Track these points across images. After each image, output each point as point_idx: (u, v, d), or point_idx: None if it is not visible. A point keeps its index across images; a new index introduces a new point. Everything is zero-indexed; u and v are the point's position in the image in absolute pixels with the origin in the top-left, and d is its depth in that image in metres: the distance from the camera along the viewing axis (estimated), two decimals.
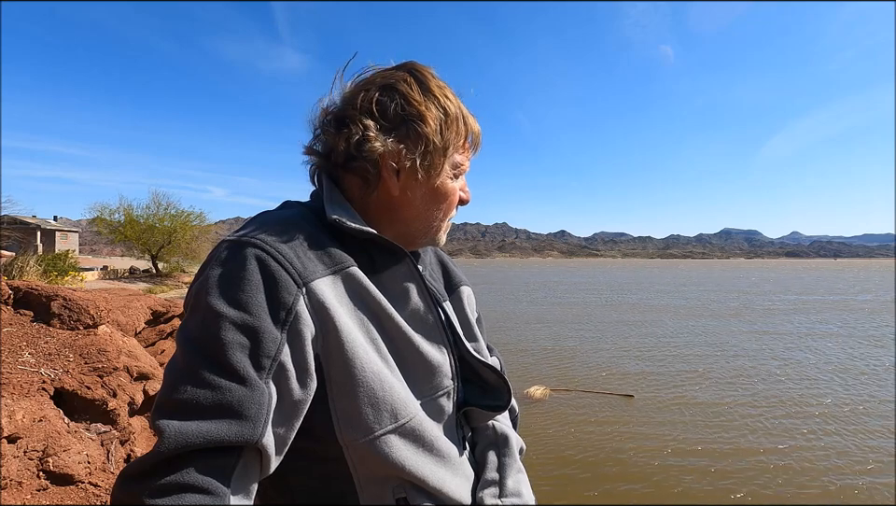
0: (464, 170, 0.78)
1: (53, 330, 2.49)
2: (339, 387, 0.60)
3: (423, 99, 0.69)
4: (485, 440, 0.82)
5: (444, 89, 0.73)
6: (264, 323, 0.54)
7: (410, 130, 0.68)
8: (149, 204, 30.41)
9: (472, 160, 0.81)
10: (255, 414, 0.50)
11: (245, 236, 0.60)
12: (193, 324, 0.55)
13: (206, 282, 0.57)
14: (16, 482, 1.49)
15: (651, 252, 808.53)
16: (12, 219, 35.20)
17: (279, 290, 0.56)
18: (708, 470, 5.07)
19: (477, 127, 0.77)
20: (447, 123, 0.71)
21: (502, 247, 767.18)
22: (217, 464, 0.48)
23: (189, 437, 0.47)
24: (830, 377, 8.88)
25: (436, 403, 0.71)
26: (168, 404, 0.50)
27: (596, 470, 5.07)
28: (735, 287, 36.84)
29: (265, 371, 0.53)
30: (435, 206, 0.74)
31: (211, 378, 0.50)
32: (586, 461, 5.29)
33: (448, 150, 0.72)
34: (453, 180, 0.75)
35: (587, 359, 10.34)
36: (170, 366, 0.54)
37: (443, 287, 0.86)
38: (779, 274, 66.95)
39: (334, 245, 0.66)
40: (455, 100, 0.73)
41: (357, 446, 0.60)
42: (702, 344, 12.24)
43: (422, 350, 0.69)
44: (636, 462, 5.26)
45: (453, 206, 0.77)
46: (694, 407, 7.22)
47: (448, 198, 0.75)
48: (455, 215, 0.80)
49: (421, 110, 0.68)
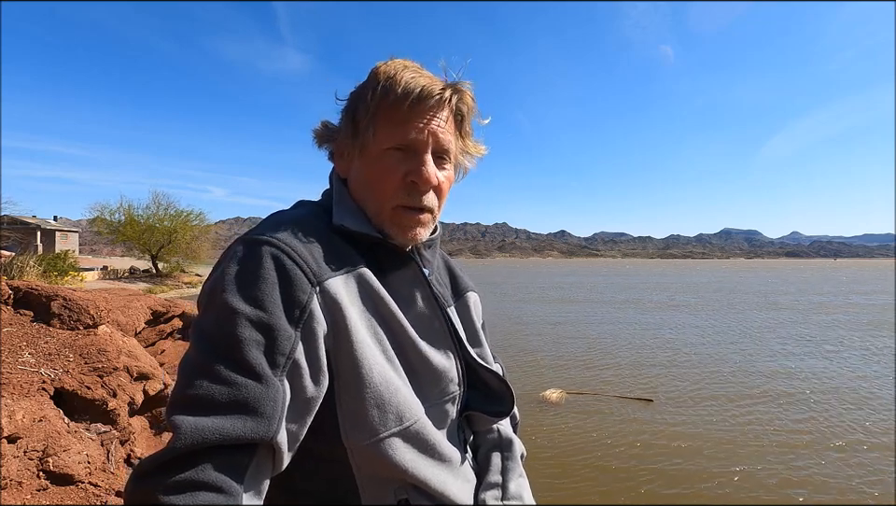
0: (416, 144, 0.67)
1: (53, 330, 2.49)
2: (346, 387, 0.60)
3: (366, 80, 0.70)
4: (489, 443, 0.81)
5: (390, 65, 0.68)
6: (279, 321, 0.54)
7: (346, 110, 0.71)
8: (150, 204, 30.44)
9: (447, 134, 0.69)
10: (270, 411, 0.50)
11: (260, 235, 0.60)
12: (208, 321, 0.55)
13: (222, 279, 0.57)
14: (16, 482, 1.48)
15: (651, 252, 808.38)
16: (12, 219, 35.19)
17: (294, 288, 0.57)
18: (731, 478, 4.79)
19: (419, 82, 0.65)
20: (370, 89, 0.66)
21: (502, 247, 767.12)
22: (231, 461, 0.48)
23: (205, 433, 0.46)
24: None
25: (441, 408, 0.70)
26: (183, 400, 0.50)
27: (614, 475, 4.89)
28: (752, 287, 34.49)
29: (280, 368, 0.53)
30: (367, 187, 0.69)
31: (227, 374, 0.50)
32: (607, 467, 5.08)
33: (370, 118, 0.66)
34: (400, 159, 0.67)
35: (604, 360, 9.92)
36: (184, 362, 0.54)
37: (450, 292, 0.85)
38: (804, 274, 64.60)
39: (346, 245, 0.67)
40: (391, 66, 0.67)
41: (361, 447, 0.60)
42: (723, 343, 11.69)
43: (428, 355, 0.68)
44: (659, 469, 5.02)
45: (387, 188, 0.67)
46: (720, 411, 6.72)
47: (377, 177, 0.67)
48: (406, 198, 0.68)
49: (357, 91, 0.70)
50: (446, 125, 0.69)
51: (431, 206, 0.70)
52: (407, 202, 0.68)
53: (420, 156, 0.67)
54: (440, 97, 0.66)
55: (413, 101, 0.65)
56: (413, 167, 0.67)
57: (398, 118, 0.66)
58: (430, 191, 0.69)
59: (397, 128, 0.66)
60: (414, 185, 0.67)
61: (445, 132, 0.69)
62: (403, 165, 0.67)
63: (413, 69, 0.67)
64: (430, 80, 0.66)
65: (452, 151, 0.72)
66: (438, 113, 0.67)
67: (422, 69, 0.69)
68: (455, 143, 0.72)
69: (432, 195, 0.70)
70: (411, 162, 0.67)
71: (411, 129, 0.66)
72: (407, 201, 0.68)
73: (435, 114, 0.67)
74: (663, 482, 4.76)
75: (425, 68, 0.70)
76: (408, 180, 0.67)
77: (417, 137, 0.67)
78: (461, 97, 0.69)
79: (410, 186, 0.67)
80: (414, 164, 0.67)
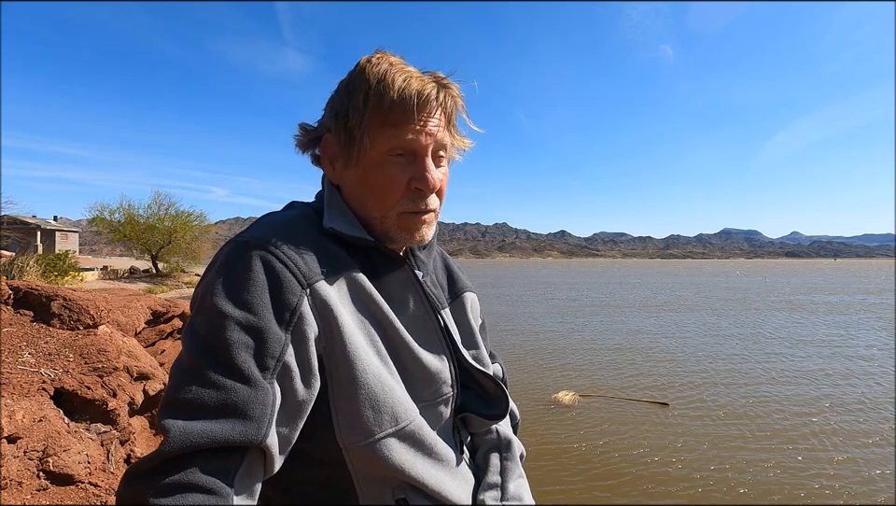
0: (416, 148, 0.66)
1: (53, 330, 2.49)
2: (340, 389, 0.60)
3: (349, 80, 0.67)
4: (488, 443, 0.81)
5: (377, 64, 0.65)
6: (269, 324, 0.54)
7: (335, 115, 0.68)
8: (150, 204, 30.43)
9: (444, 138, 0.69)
10: (259, 414, 0.50)
11: (250, 238, 0.60)
12: (199, 324, 0.55)
13: (212, 283, 0.57)
14: (16, 482, 1.49)
15: (652, 252, 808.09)
16: (12, 219, 35.18)
17: (283, 291, 0.57)
18: (748, 486, 4.64)
19: (412, 85, 0.63)
20: (361, 93, 0.64)
21: (502, 247, 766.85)
22: (221, 464, 0.48)
23: (194, 437, 0.47)
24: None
25: (435, 409, 0.70)
26: (173, 403, 0.50)
27: (626, 479, 4.80)
28: (775, 288, 33.15)
29: (270, 371, 0.53)
30: (368, 195, 0.68)
31: (216, 378, 0.50)
32: (620, 471, 4.98)
33: (364, 125, 0.64)
34: (401, 164, 0.66)
35: (617, 363, 9.67)
36: (176, 366, 0.54)
37: (447, 292, 0.85)
38: (826, 274, 63.28)
39: (337, 247, 0.66)
40: (379, 67, 0.64)
41: (357, 448, 0.60)
42: (737, 344, 11.41)
43: (421, 357, 0.68)
44: (672, 473, 4.90)
45: (392, 196, 0.67)
46: (736, 417, 6.52)
47: (381, 185, 0.66)
48: (411, 204, 0.67)
49: (343, 92, 0.67)
50: (441, 124, 0.69)
51: (434, 207, 0.71)
52: (412, 207, 0.68)
53: (422, 161, 0.67)
54: (435, 101, 0.66)
55: (409, 106, 0.63)
56: (416, 173, 0.67)
57: (394, 123, 0.65)
58: (433, 193, 0.70)
59: (395, 133, 0.65)
60: (420, 191, 0.67)
61: (441, 131, 0.69)
62: (406, 172, 0.67)
63: (399, 68, 0.65)
64: (421, 82, 0.65)
65: (448, 150, 0.72)
66: (433, 114, 0.67)
67: (407, 66, 0.67)
68: (449, 140, 0.72)
69: (434, 196, 0.70)
70: (413, 168, 0.67)
71: (410, 133, 0.65)
72: (413, 207, 0.68)
73: (431, 116, 0.66)
74: (675, 487, 4.70)
75: (406, 62, 0.68)
76: (413, 187, 0.67)
77: (418, 141, 0.66)
78: (449, 94, 0.69)
79: (415, 192, 0.67)
80: (418, 170, 0.67)
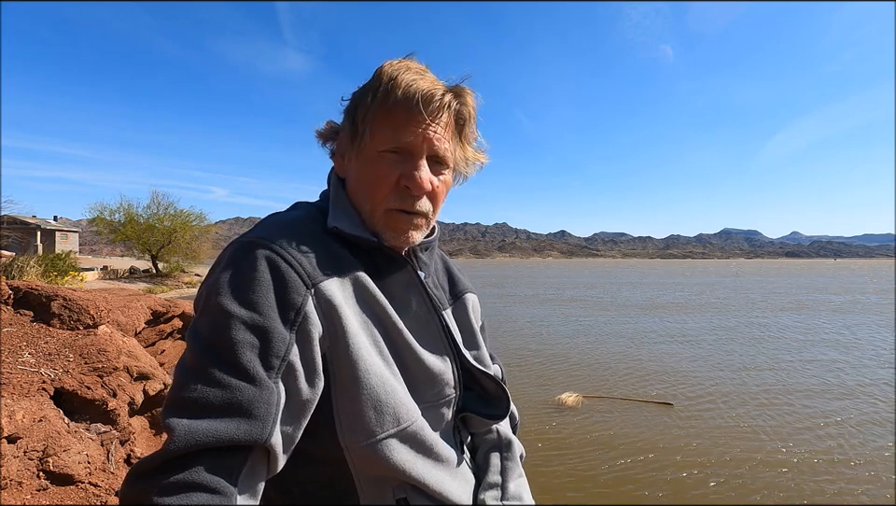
0: (412, 148, 0.66)
1: (53, 330, 2.49)
2: (343, 389, 0.60)
3: (369, 80, 0.69)
4: (488, 443, 0.82)
5: (393, 66, 0.66)
6: (274, 323, 0.54)
7: (347, 110, 0.71)
8: (150, 204, 30.43)
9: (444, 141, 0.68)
10: (264, 413, 0.50)
11: (255, 237, 0.61)
12: (203, 324, 0.55)
13: (217, 282, 0.57)
14: (16, 482, 1.48)
15: (652, 252, 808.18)
16: (12, 219, 35.18)
17: (288, 291, 0.57)
18: (756, 487, 4.57)
19: (419, 85, 0.63)
20: (371, 90, 0.65)
21: (502, 247, 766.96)
22: (225, 463, 0.48)
23: (199, 436, 0.47)
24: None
25: (437, 410, 0.71)
26: (178, 402, 0.50)
27: (631, 481, 4.75)
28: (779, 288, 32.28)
29: (274, 370, 0.53)
30: (363, 189, 0.69)
31: (221, 377, 0.50)
32: (625, 475, 4.92)
33: (367, 119, 0.65)
34: (395, 162, 0.66)
35: (622, 364, 9.57)
36: (180, 365, 0.54)
37: (448, 294, 0.85)
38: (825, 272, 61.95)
39: (341, 247, 0.67)
40: (394, 68, 0.65)
41: (358, 448, 0.60)
42: (745, 344, 11.23)
43: (424, 358, 0.68)
44: (677, 476, 4.86)
45: (381, 191, 0.67)
46: (743, 416, 6.42)
47: (372, 179, 0.67)
48: (399, 202, 0.67)
49: (359, 92, 0.69)
50: (445, 130, 0.68)
51: (425, 211, 0.70)
52: (400, 205, 0.67)
53: (415, 161, 0.67)
54: (439, 102, 0.65)
55: (412, 105, 0.63)
56: (406, 171, 0.66)
57: (395, 121, 0.65)
58: (424, 196, 0.68)
59: (393, 131, 0.65)
60: (408, 189, 0.67)
61: (442, 137, 0.68)
62: (397, 169, 0.66)
63: (415, 71, 0.66)
64: (432, 84, 0.65)
65: (449, 157, 0.70)
66: (436, 118, 0.66)
67: (426, 72, 0.67)
68: (453, 148, 0.71)
69: (426, 200, 0.69)
70: (405, 167, 0.66)
71: (407, 133, 0.65)
72: (400, 204, 0.67)
73: (433, 119, 0.66)
74: (680, 489, 4.68)
75: (430, 71, 0.69)
76: (402, 184, 0.66)
77: (412, 141, 0.66)
78: (462, 101, 0.68)
79: (403, 190, 0.67)
80: (408, 169, 0.66)
